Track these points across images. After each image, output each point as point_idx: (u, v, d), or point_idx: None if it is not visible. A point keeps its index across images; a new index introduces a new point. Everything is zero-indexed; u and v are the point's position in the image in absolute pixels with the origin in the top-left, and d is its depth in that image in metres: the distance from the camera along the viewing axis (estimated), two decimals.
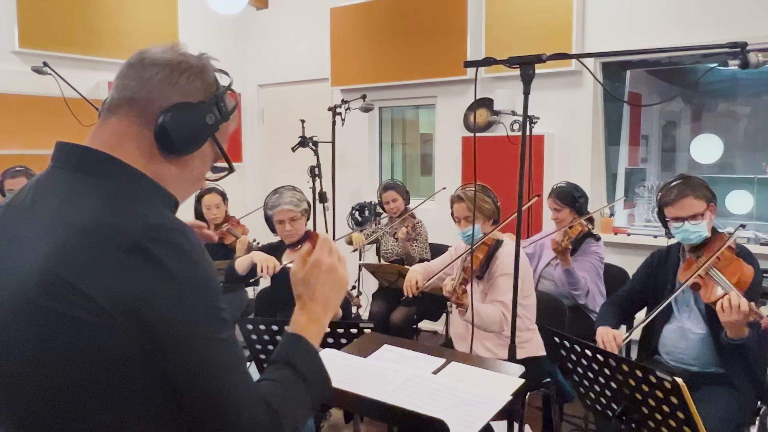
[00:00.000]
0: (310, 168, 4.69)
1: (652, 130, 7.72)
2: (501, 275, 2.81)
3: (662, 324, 2.67)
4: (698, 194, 2.51)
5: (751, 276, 2.42)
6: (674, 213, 2.55)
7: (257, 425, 0.99)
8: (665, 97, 7.74)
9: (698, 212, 2.50)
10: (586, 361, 1.88)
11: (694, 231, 2.52)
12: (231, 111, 1.17)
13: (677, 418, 1.66)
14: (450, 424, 1.42)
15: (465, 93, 5.06)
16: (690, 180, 2.57)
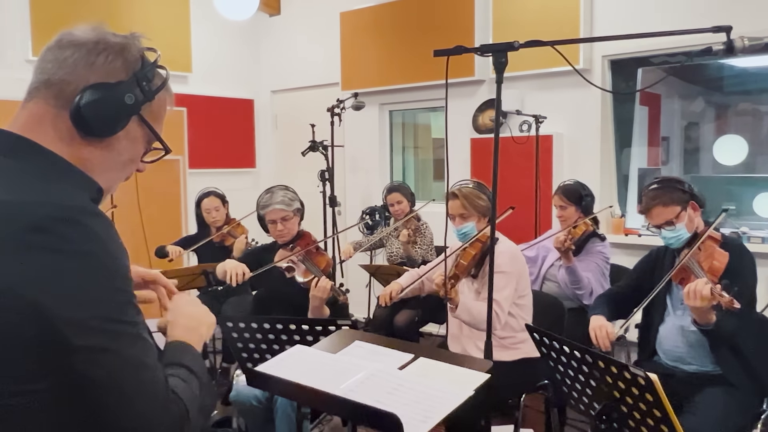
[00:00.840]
0: (320, 172, 4.68)
1: (673, 130, 7.56)
2: (496, 273, 2.74)
3: (659, 323, 2.60)
4: (666, 200, 2.46)
5: (725, 262, 2.36)
6: (650, 221, 2.53)
7: (161, 411, 0.97)
8: (686, 98, 7.59)
9: (670, 218, 2.45)
10: (566, 359, 1.82)
11: (671, 236, 2.49)
12: (157, 89, 1.13)
13: (654, 417, 1.60)
14: (406, 418, 1.39)
15: (474, 94, 5.01)
16: (663, 184, 2.51)
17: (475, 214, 2.83)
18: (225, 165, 6.02)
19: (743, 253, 2.45)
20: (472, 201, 2.81)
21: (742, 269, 2.40)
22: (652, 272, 2.65)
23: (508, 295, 2.71)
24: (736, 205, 4.73)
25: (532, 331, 1.92)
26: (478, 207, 2.83)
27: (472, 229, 2.82)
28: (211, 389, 1.16)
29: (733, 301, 2.08)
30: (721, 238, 2.46)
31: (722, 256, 2.37)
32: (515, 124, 4.62)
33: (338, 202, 5.33)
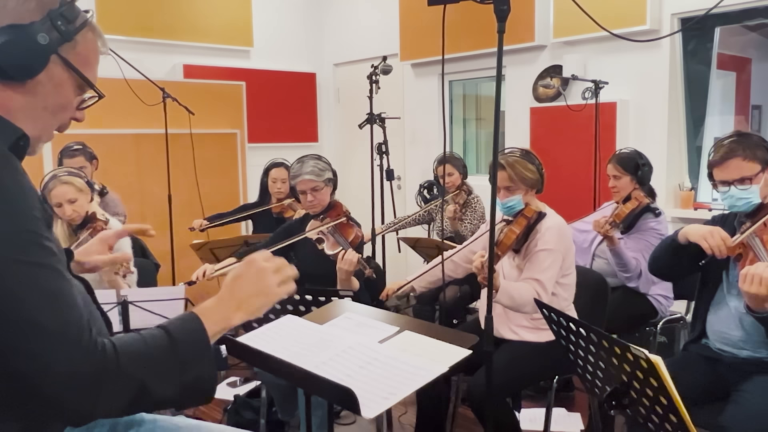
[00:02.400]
0: (377, 145, 4.58)
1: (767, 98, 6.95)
2: (540, 250, 2.55)
3: (711, 302, 2.35)
4: (749, 155, 2.17)
5: None
6: (720, 175, 2.22)
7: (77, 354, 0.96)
8: None
9: (747, 176, 2.16)
10: (575, 338, 1.66)
11: (741, 197, 2.18)
12: (77, 29, 1.09)
13: (662, 404, 1.42)
14: (370, 394, 1.30)
15: (534, 61, 4.76)
16: (745, 138, 2.22)
17: (522, 187, 2.62)
18: (287, 139, 6.04)
19: None
20: (520, 172, 2.61)
21: None
22: None
23: (552, 275, 2.53)
24: None
25: (541, 307, 1.76)
26: (526, 179, 2.62)
27: (519, 202, 2.62)
28: (202, 360, 1.11)
29: None
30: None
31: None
32: (577, 91, 4.35)
33: (397, 175, 5.25)
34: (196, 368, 1.10)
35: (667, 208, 3.91)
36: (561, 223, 2.63)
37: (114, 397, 1.00)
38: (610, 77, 4.12)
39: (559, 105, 4.48)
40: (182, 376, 1.08)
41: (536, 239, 2.57)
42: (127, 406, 1.03)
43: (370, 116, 4.61)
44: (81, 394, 0.97)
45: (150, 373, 1.03)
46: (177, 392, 1.07)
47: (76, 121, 1.18)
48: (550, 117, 4.55)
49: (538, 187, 2.67)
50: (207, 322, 1.15)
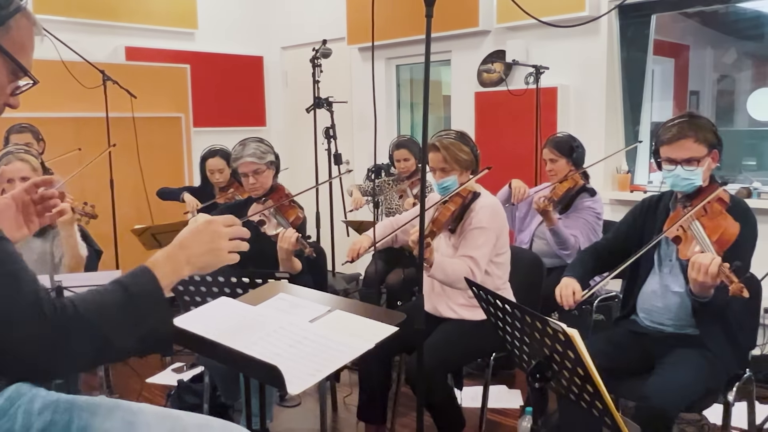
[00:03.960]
0: (325, 129, 4.58)
1: (705, 85, 7.18)
2: (475, 228, 2.62)
3: (643, 280, 2.45)
4: (699, 137, 2.24)
5: (735, 234, 2.16)
6: (669, 153, 2.28)
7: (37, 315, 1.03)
8: (719, 48, 7.19)
9: (695, 157, 2.23)
10: (502, 314, 1.73)
11: (686, 178, 2.26)
12: (9, 14, 1.09)
13: (579, 375, 1.49)
14: (297, 371, 1.33)
15: (479, 46, 4.82)
16: (695, 120, 2.29)
17: (456, 168, 2.68)
18: (234, 123, 5.97)
19: (749, 219, 2.26)
20: (454, 153, 2.67)
21: (748, 240, 2.23)
22: (642, 224, 2.48)
23: (486, 252, 2.60)
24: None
25: (471, 285, 1.82)
26: (460, 160, 2.68)
27: (454, 182, 2.69)
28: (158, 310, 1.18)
29: (743, 289, 1.91)
30: (729, 200, 2.27)
31: (733, 227, 2.17)
32: (520, 76, 4.43)
33: (345, 160, 5.26)
34: (153, 318, 1.17)
35: (605, 191, 4.03)
36: (494, 202, 2.70)
37: (79, 348, 1.07)
38: (552, 63, 4.21)
39: (502, 90, 4.55)
40: (140, 326, 1.15)
41: (471, 218, 2.64)
42: (93, 358, 1.12)
43: (316, 100, 4.62)
44: (47, 351, 1.03)
45: (110, 324, 1.10)
46: (135, 341, 1.14)
47: (10, 107, 1.19)
48: (494, 101, 4.62)
49: (472, 168, 2.73)
50: (158, 274, 1.20)
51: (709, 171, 2.30)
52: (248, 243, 3.10)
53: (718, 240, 2.14)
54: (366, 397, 2.76)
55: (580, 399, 1.58)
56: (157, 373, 3.79)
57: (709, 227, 2.19)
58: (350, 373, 3.64)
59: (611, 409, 1.46)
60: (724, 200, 2.25)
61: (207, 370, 2.89)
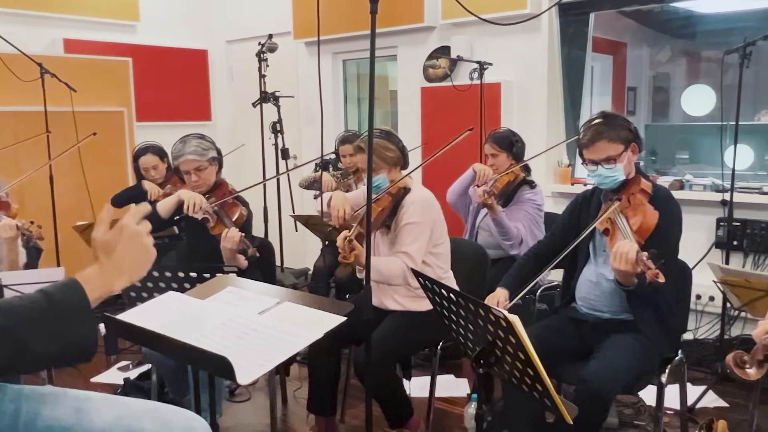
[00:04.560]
0: (272, 124, 4.56)
1: (641, 81, 7.44)
2: (407, 224, 2.66)
3: (579, 270, 2.56)
4: (614, 136, 2.34)
5: (654, 223, 2.27)
6: (588, 155, 2.40)
7: None
8: (655, 46, 7.46)
9: (612, 155, 2.34)
10: (447, 303, 1.78)
11: (607, 175, 2.37)
12: None
13: (520, 359, 1.56)
14: (246, 362, 1.35)
15: (424, 42, 4.87)
16: (610, 119, 2.40)
17: (384, 166, 2.72)
18: (178, 118, 5.87)
19: (671, 207, 2.38)
20: (380, 153, 2.70)
21: (668, 227, 2.34)
22: (578, 218, 2.59)
23: (420, 246, 2.64)
24: (705, 154, 4.64)
25: (417, 275, 1.86)
26: (386, 158, 2.71)
27: (384, 181, 2.72)
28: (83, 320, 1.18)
29: (658, 275, 2.02)
30: (652, 189, 2.38)
31: (652, 216, 2.28)
32: (465, 71, 4.51)
33: (293, 154, 5.25)
34: (76, 327, 1.16)
35: (546, 184, 4.15)
36: (425, 196, 2.73)
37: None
38: (495, 59, 4.30)
39: (447, 85, 4.63)
40: (62, 335, 1.14)
41: (402, 214, 2.68)
42: (8, 363, 1.09)
43: (263, 95, 4.60)
44: None
45: (28, 330, 1.09)
46: (56, 350, 1.14)
47: None
48: (440, 97, 4.69)
49: (401, 164, 2.77)
50: (87, 287, 1.20)
51: (630, 164, 2.41)
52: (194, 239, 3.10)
53: (638, 230, 2.26)
54: (316, 390, 2.78)
55: (522, 383, 1.64)
56: (102, 372, 3.72)
57: (631, 218, 2.30)
58: (299, 367, 3.66)
59: (551, 391, 1.53)
60: (646, 191, 2.37)
61: (154, 367, 2.87)
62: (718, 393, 3.28)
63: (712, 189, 3.81)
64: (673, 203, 2.41)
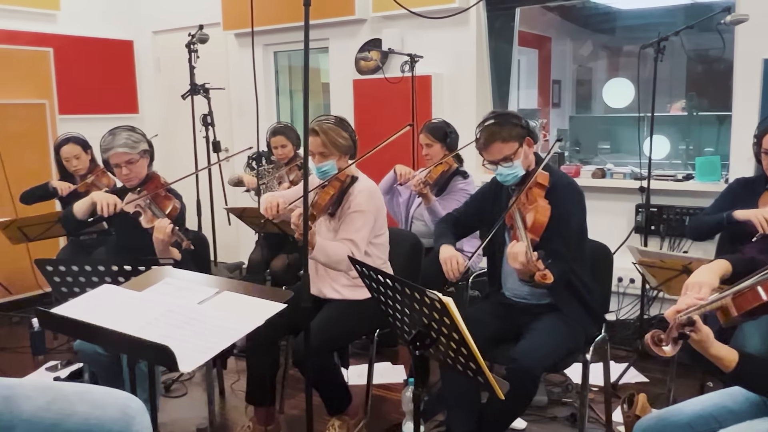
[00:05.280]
0: (202, 116, 4.49)
1: (566, 74, 7.71)
2: (353, 212, 2.72)
3: (501, 260, 2.65)
4: (506, 136, 2.42)
5: (546, 220, 2.36)
6: (486, 157, 2.49)
7: None
8: (577, 41, 7.73)
9: (509, 155, 2.43)
10: (383, 288, 1.83)
11: (507, 173, 2.47)
12: None
13: (455, 339, 1.63)
14: (188, 350, 1.36)
15: (356, 35, 4.91)
16: (501, 119, 2.46)
17: (335, 153, 2.76)
18: (103, 110, 5.69)
19: (570, 194, 2.47)
20: (333, 138, 2.74)
21: (568, 214, 2.43)
22: (492, 204, 2.67)
23: (365, 234, 2.70)
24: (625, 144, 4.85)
25: (354, 263, 1.91)
26: (339, 145, 2.76)
27: (333, 167, 2.76)
28: None
29: (545, 276, 2.10)
30: (549, 180, 2.46)
31: (544, 212, 2.36)
32: (396, 64, 4.57)
33: (224, 147, 5.19)
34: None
35: (477, 174, 4.26)
36: (372, 186, 2.80)
37: None
38: (426, 52, 4.38)
39: (379, 77, 4.68)
40: None
41: (349, 201, 2.73)
42: None
43: (192, 87, 4.52)
44: None
45: None
46: None
47: None
48: (372, 89, 4.74)
49: (351, 153, 2.82)
50: None
51: (528, 157, 2.49)
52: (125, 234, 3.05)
53: (531, 228, 2.35)
54: (254, 381, 2.79)
55: (457, 363, 1.71)
56: (30, 372, 3.60)
57: (526, 215, 2.39)
58: (237, 360, 3.65)
59: (484, 369, 1.61)
60: (543, 184, 2.45)
61: (86, 365, 2.80)
62: (639, 369, 3.48)
63: (632, 177, 4.01)
64: (573, 190, 2.50)
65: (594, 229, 2.68)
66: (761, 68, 3.50)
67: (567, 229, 2.41)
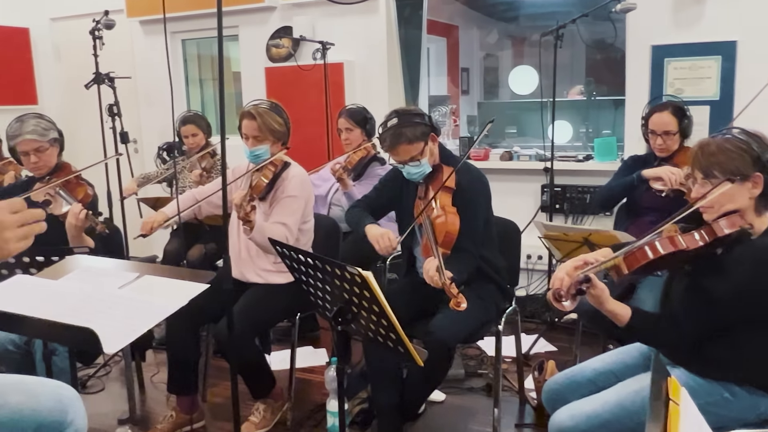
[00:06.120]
0: (108, 106, 4.33)
1: (474, 62, 7.95)
2: (287, 197, 2.76)
3: (413, 243, 2.74)
4: (411, 137, 2.43)
5: (455, 231, 2.41)
6: (393, 157, 2.52)
7: None
8: (483, 29, 7.97)
9: (414, 155, 2.47)
10: (305, 268, 1.88)
11: (415, 171, 2.52)
12: None
13: (375, 312, 1.70)
14: (112, 333, 1.36)
15: (267, 22, 4.88)
16: (405, 119, 2.45)
17: (269, 137, 2.78)
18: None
19: (478, 189, 2.55)
20: (268, 123, 2.76)
21: (476, 213, 2.51)
22: (400, 192, 2.72)
23: (297, 219, 2.75)
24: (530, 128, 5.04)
25: (274, 245, 1.94)
26: (274, 130, 2.77)
27: (266, 152, 2.78)
28: None
29: (458, 304, 2.11)
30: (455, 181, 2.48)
31: (454, 222, 2.41)
32: (308, 51, 4.59)
33: (133, 138, 5.04)
34: None
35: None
36: (303, 173, 2.85)
37: None
38: (337, 39, 4.42)
39: (292, 65, 4.68)
40: None
41: (283, 187, 2.77)
42: None
43: (96, 76, 4.36)
44: None
45: None
46: None
47: None
48: (284, 76, 4.74)
49: (284, 140, 2.85)
50: None
51: (434, 153, 2.54)
52: None
53: (443, 243, 2.41)
54: (176, 370, 2.78)
55: (378, 335, 1.78)
56: None
57: (437, 229, 2.42)
58: (155, 353, 3.60)
59: (403, 337, 1.69)
60: (450, 187, 2.49)
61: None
62: (548, 339, 3.69)
63: (537, 159, 4.22)
64: (479, 183, 2.56)
65: (503, 209, 2.82)
66: (650, 54, 3.76)
67: (475, 226, 2.50)
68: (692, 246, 1.73)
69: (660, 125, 3.01)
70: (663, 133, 3.00)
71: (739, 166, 1.72)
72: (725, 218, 1.74)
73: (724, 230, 1.73)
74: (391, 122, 2.47)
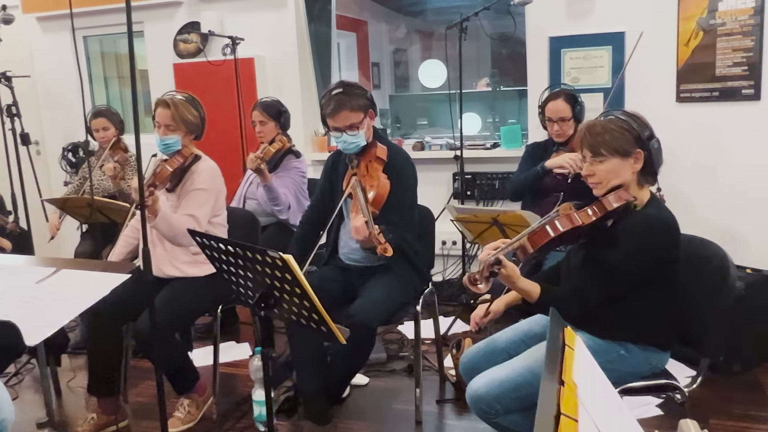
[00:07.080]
0: (6, 107, 4.16)
1: (383, 56, 8.07)
2: (196, 189, 2.75)
3: (338, 228, 2.82)
4: (354, 106, 2.56)
5: (386, 193, 2.55)
6: (333, 124, 2.61)
7: None
8: (392, 24, 8.11)
9: (355, 122, 2.57)
10: (225, 257, 1.91)
11: (351, 141, 2.61)
12: None
13: (298, 294, 1.76)
14: (33, 326, 1.36)
15: (173, 18, 4.81)
16: (349, 89, 2.59)
17: (182, 128, 2.76)
18: None
19: (405, 170, 2.67)
20: (182, 113, 2.75)
21: (403, 190, 2.63)
22: (331, 180, 2.82)
23: (206, 212, 2.75)
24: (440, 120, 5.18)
25: (194, 235, 1.96)
26: (187, 121, 2.77)
27: (176, 142, 2.77)
28: None
29: (386, 250, 2.26)
30: (387, 155, 2.62)
31: (384, 187, 2.54)
32: (218, 47, 4.55)
33: (34, 140, 4.84)
34: None
35: (306, 152, 4.40)
36: (214, 166, 2.85)
37: None
38: (247, 34, 4.40)
39: (201, 60, 4.64)
40: None
41: (192, 179, 2.76)
42: None
43: None
44: None
45: None
46: None
47: None
48: (194, 72, 4.69)
49: (197, 134, 2.85)
50: None
51: (369, 129, 2.67)
52: None
53: (373, 202, 2.52)
54: (96, 372, 2.73)
55: (301, 317, 1.84)
56: None
57: (368, 189, 2.55)
58: (71, 358, 3.50)
59: (325, 317, 1.76)
60: (382, 158, 2.63)
61: None
62: (464, 320, 3.84)
63: (447, 148, 4.38)
64: (408, 164, 2.71)
65: (418, 197, 2.93)
66: (548, 46, 3.98)
67: (402, 201, 2.61)
68: (587, 221, 1.90)
69: (555, 112, 3.21)
70: (559, 120, 3.20)
71: (623, 143, 1.89)
72: (613, 193, 1.91)
73: (612, 204, 1.90)
74: (336, 90, 2.57)
